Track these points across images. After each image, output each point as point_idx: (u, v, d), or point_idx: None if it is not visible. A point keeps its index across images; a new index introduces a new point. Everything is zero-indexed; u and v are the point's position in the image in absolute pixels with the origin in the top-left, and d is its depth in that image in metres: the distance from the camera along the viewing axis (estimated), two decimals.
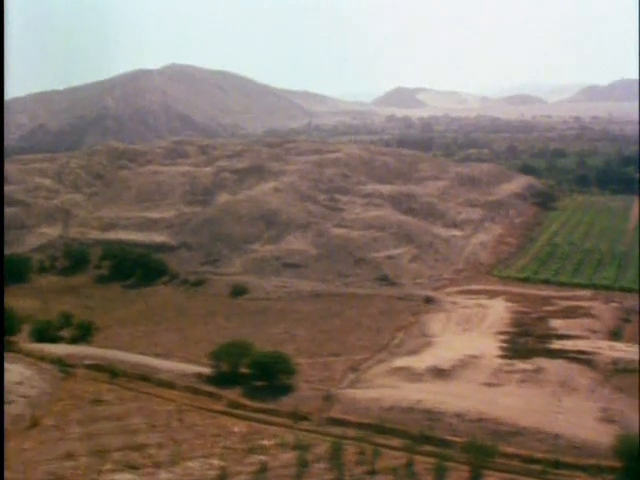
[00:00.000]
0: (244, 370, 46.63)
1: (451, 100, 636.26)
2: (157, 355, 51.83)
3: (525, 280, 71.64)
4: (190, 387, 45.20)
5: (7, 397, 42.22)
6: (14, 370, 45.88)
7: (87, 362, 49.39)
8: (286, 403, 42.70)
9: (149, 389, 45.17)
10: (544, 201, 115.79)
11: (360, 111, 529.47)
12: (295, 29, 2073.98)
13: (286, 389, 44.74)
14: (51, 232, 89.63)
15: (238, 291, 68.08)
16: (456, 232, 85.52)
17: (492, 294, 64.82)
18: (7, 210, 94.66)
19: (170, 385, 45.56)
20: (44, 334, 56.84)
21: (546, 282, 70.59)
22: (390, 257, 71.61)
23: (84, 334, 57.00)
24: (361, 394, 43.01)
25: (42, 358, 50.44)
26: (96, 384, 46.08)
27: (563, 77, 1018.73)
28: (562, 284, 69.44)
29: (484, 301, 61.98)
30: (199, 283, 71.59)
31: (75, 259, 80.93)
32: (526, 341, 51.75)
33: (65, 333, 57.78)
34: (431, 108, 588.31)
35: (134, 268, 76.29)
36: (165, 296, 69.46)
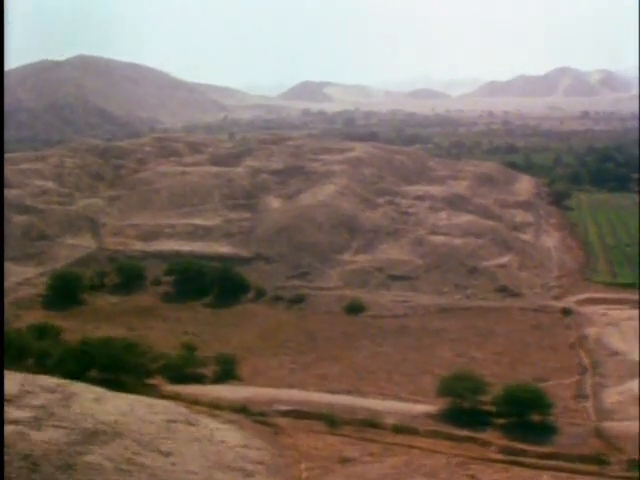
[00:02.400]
0: (476, 405, 41.49)
1: (357, 94, 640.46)
2: (348, 392, 44.96)
3: (630, 286, 69.41)
4: (438, 432, 38.98)
5: (245, 466, 34.51)
6: (224, 430, 37.75)
7: (281, 408, 41.89)
8: (563, 444, 37.63)
9: (391, 438, 38.59)
10: (556, 200, 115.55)
11: (271, 105, 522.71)
12: (198, 20, 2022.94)
13: (544, 426, 39.64)
14: (83, 243, 78.83)
15: (354, 308, 61.68)
16: (522, 235, 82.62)
17: (627, 303, 62.06)
18: (18, 218, 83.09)
19: (412, 431, 39.16)
20: (179, 371, 48.27)
21: None
22: (501, 266, 67.46)
23: (227, 370, 48.85)
24: (635, 428, 38.65)
25: (216, 406, 42.35)
26: (320, 437, 38.91)
27: (457, 72, 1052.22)
28: None
29: (633, 312, 59.10)
30: (298, 300, 64.34)
31: (128, 275, 71.12)
32: None
33: (204, 370, 49.22)
34: (339, 102, 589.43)
35: (208, 284, 67.91)
36: (270, 316, 61.74)
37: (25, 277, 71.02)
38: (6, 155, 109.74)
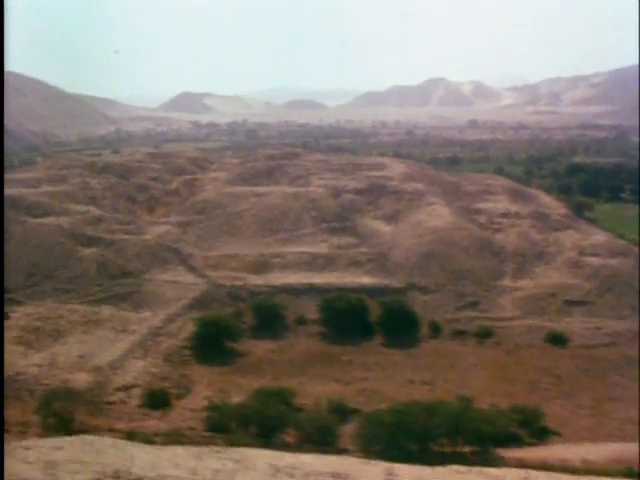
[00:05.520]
0: None
1: (236, 105, 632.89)
2: None
3: None
4: None
5: None
6: None
7: None
8: None
9: None
10: (579, 212, 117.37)
11: (157, 117, 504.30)
12: (73, 28, 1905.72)
13: None
14: (180, 279, 69.03)
15: (558, 339, 57.93)
16: None
17: None
18: (86, 251, 72.03)
19: None
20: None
21: None
22: None
23: (536, 423, 43.50)
24: None
25: (591, 471, 36.49)
26: None
27: (324, 83, 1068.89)
28: None
29: None
30: (486, 334, 59.57)
31: (267, 315, 62.75)
32: None
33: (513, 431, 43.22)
34: (220, 113, 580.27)
35: (376, 321, 61.32)
36: (475, 354, 56.30)
37: (150, 324, 60.50)
38: (14, 176, 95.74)
